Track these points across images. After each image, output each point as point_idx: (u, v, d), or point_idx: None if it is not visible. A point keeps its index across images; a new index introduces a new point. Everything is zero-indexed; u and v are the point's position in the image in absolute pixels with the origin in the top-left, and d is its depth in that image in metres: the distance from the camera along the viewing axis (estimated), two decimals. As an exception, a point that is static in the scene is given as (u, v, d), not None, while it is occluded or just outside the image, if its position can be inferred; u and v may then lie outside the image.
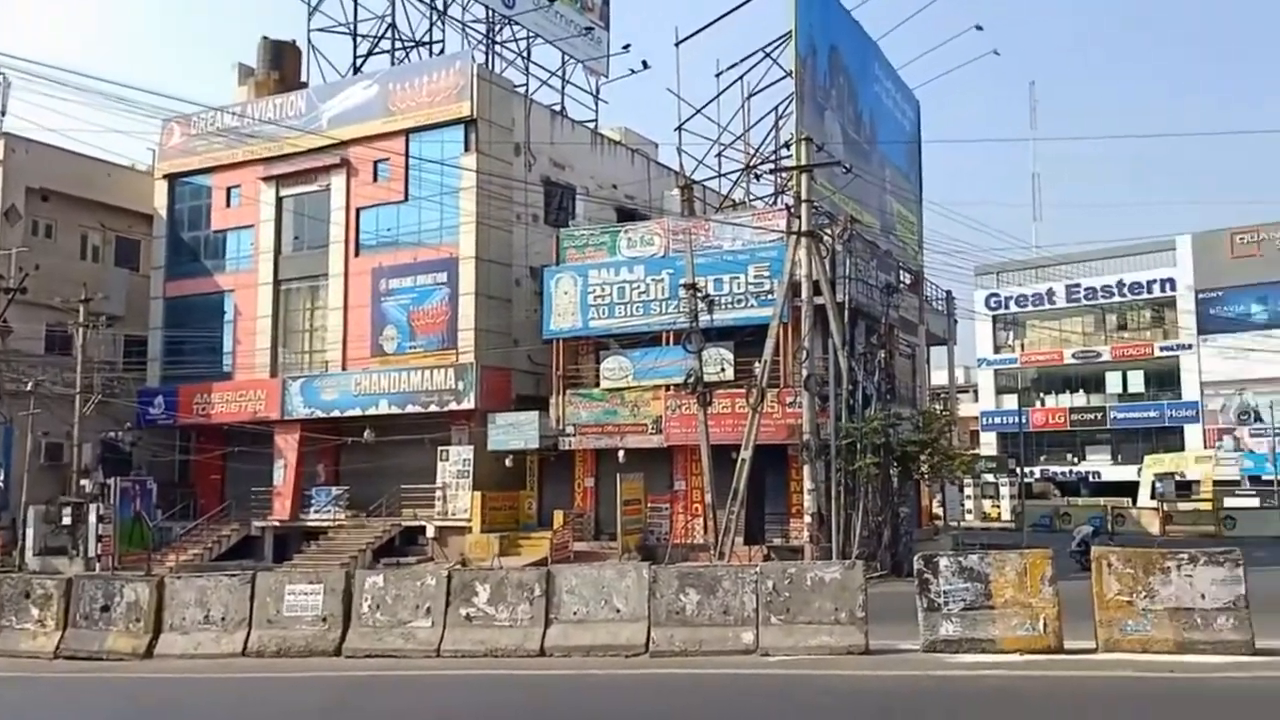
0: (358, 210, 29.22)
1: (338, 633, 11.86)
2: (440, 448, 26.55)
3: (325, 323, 29.61)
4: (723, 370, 24.20)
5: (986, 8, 49.96)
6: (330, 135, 28.62)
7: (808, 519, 20.82)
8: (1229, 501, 36.55)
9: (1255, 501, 37.80)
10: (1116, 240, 64.94)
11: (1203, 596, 9.91)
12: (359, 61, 31.65)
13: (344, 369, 28.56)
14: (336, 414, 28.16)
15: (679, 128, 29.57)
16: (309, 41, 31.82)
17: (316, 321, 30.13)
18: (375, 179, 28.89)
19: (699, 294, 23.38)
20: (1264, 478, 43.03)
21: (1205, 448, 48.83)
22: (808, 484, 20.92)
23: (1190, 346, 52.22)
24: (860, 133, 30.27)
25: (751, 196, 30.33)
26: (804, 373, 21.44)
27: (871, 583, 17.21)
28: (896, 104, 33.24)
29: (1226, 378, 50.30)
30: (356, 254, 29.06)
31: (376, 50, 31.74)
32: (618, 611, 11.27)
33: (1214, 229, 52.89)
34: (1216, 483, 41.72)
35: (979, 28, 31.83)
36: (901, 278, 27.99)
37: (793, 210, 22.11)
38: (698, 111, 29.69)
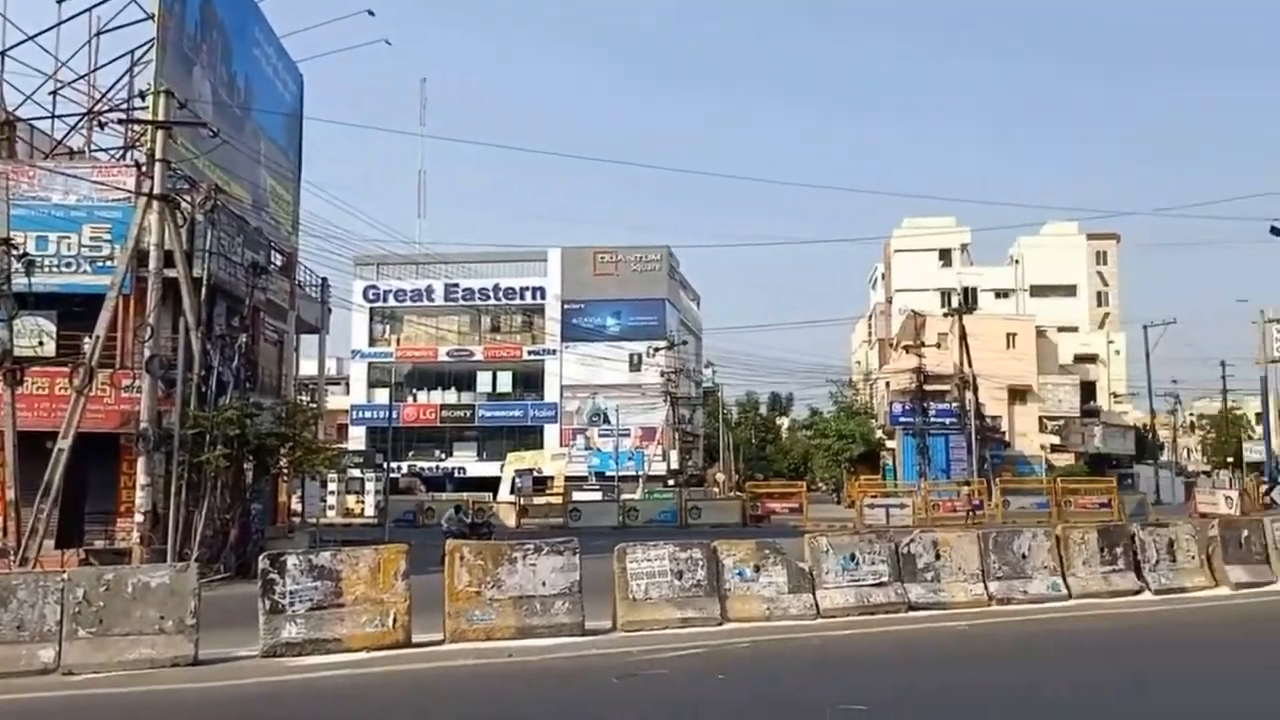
0: None
1: None
2: None
3: None
4: (41, 344, 21.69)
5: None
6: None
7: (139, 518, 18.92)
8: (577, 495, 42.31)
9: (599, 495, 44.39)
10: (496, 245, 71.24)
11: (544, 584, 11.01)
12: None
13: None
14: None
15: (2, 53, 25.19)
16: None
17: None
18: None
19: (14, 251, 20.24)
20: (607, 474, 50.75)
21: (561, 446, 56.07)
22: (142, 479, 19.03)
23: (554, 352, 59.50)
24: (234, 97, 28.83)
25: (94, 147, 26.80)
26: (147, 353, 19.44)
27: (214, 586, 16.26)
28: (278, 74, 32.19)
29: (582, 382, 58.37)
30: None
31: None
32: None
33: (581, 245, 61.14)
34: (568, 478, 48.13)
35: (371, 13, 32.20)
36: (272, 258, 27.29)
37: (144, 169, 20.34)
38: (30, 38, 25.52)
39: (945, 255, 69.57)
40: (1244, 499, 38.76)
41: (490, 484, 48.63)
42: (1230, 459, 69.56)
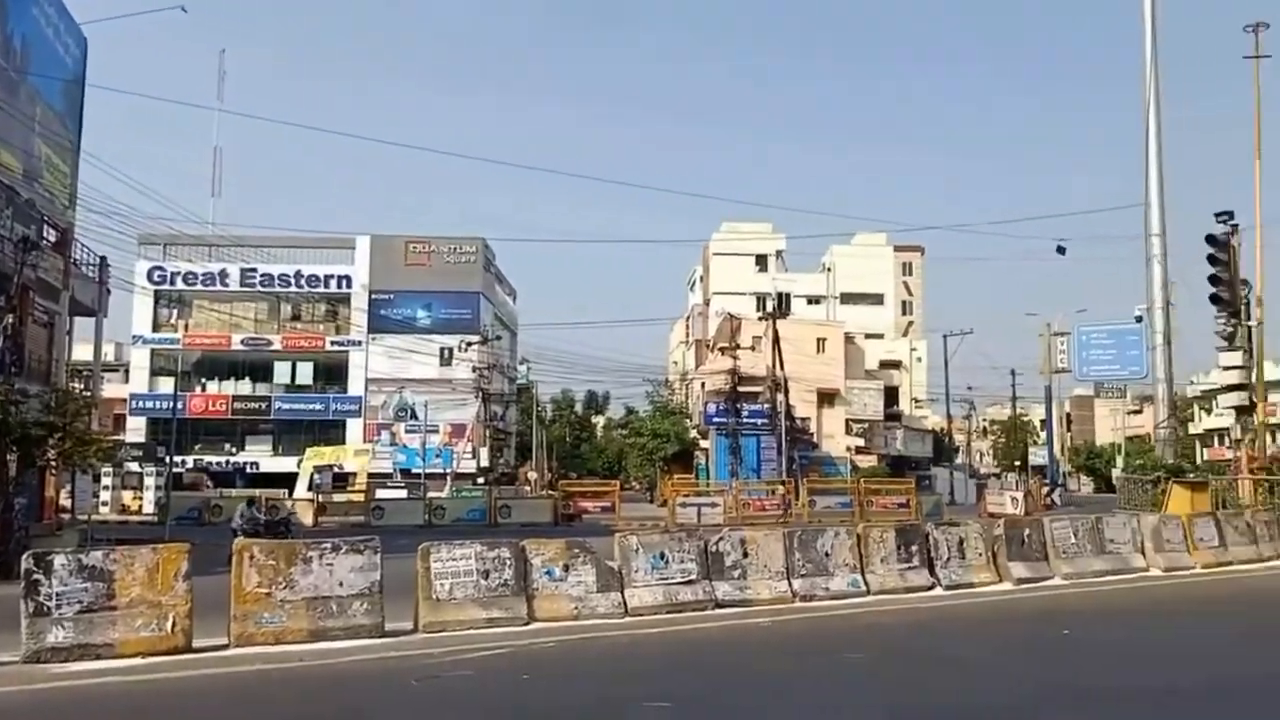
0: None
1: None
2: None
3: None
4: None
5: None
6: None
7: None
8: (381, 493, 41.26)
9: (404, 493, 43.39)
10: (298, 230, 68.40)
11: (341, 584, 10.67)
12: None
13: None
14: None
15: None
16: None
17: None
18: None
19: None
20: (414, 471, 49.70)
21: (365, 442, 54.47)
22: (-122, 476, 17.19)
23: (360, 343, 57.75)
24: (9, 59, 26.63)
25: None
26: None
27: (-33, 588, 14.90)
28: (59, 36, 29.93)
29: (389, 376, 56.91)
30: None
31: None
32: None
33: (392, 234, 59.56)
34: (371, 475, 46.82)
35: (162, -14, 30.40)
36: (45, 233, 25.41)
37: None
38: None
39: (761, 260, 72.09)
40: (1028, 500, 42.11)
41: (286, 480, 46.70)
42: (1018, 462, 75.33)
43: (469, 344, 54.45)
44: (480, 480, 51.19)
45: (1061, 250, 34.98)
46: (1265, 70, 29.01)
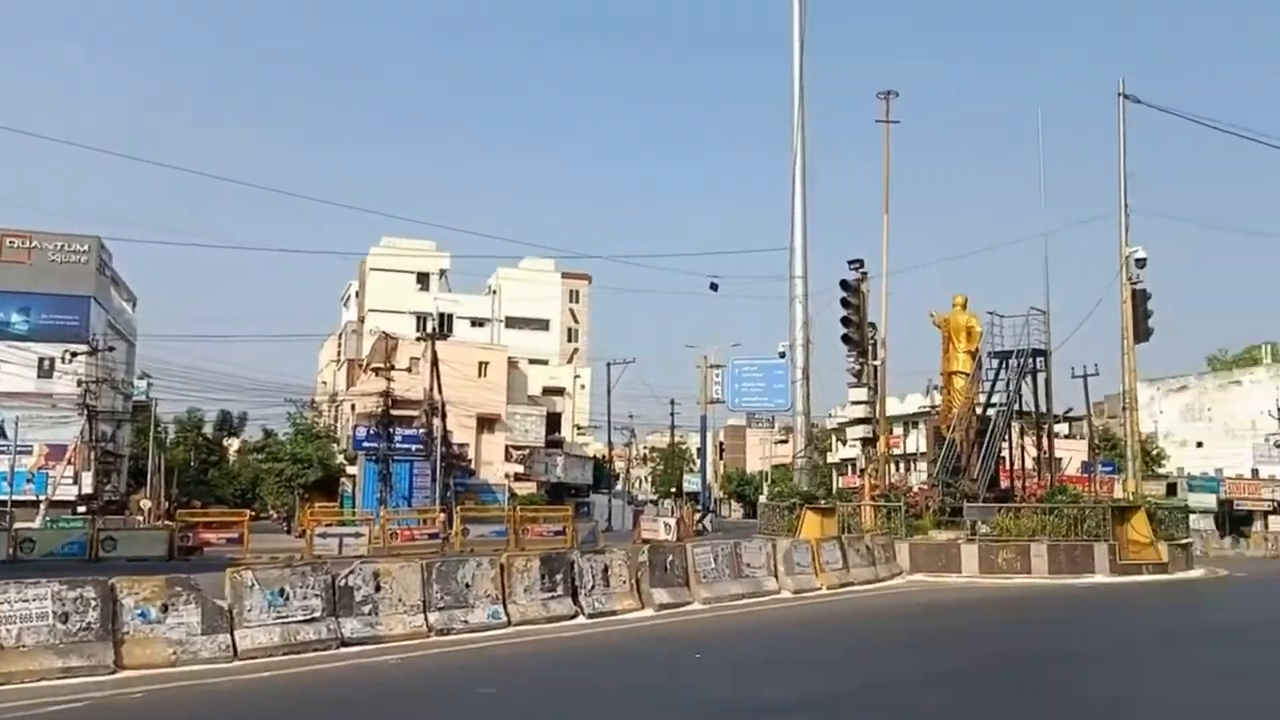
0: None
1: None
2: None
3: None
4: None
5: None
6: None
7: None
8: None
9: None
10: None
11: None
12: None
13: None
14: None
15: None
16: None
17: None
18: None
19: None
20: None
21: (-66, 465, 47.34)
22: None
23: (-68, 347, 50.30)
24: None
25: None
26: None
27: None
28: None
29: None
30: None
31: None
32: None
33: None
34: (-60, 506, 40.65)
35: None
36: None
37: None
38: None
39: (423, 279, 71.25)
40: (680, 526, 44.44)
41: None
42: (674, 489, 79.49)
43: (74, 354, 49.11)
44: (82, 509, 46.18)
45: (714, 287, 37.46)
46: (899, 135, 32.85)
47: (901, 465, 73.69)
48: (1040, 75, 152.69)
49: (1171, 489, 55.77)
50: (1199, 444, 74.47)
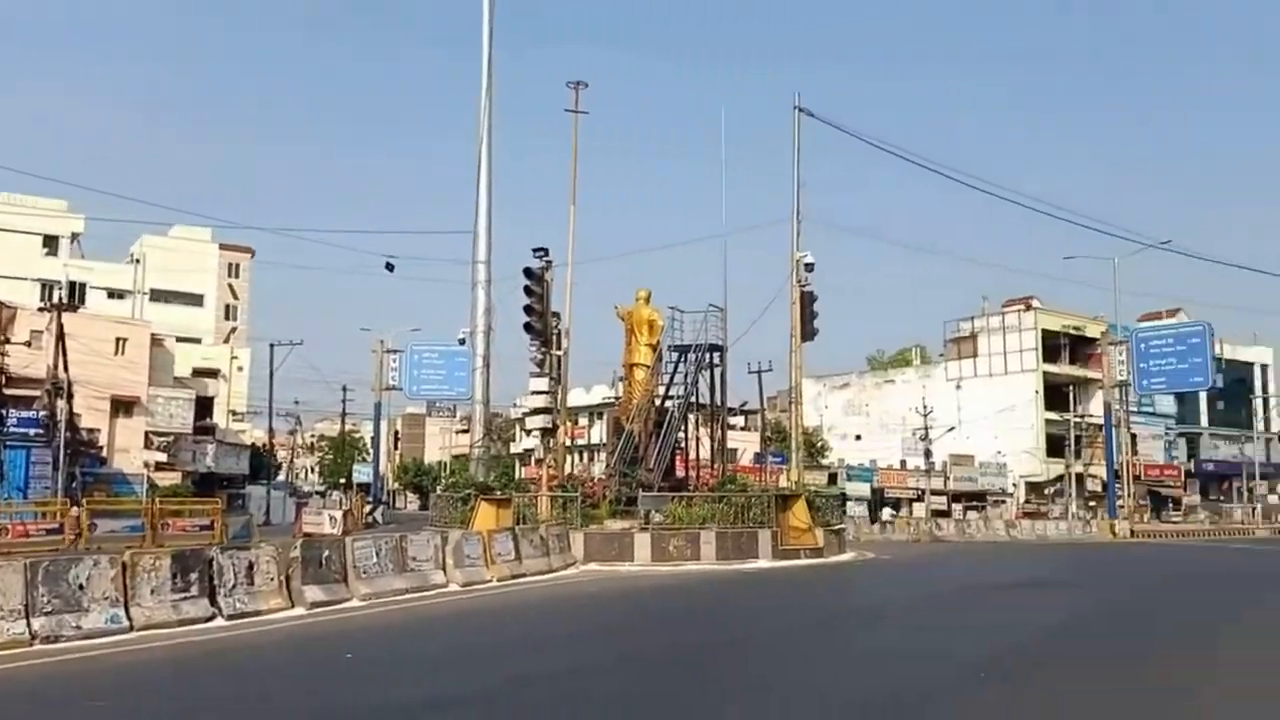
0: None
1: None
2: None
3: None
4: None
5: None
6: None
7: None
8: None
9: None
10: None
11: None
12: None
13: None
14: None
15: None
16: None
17: None
18: None
19: None
20: None
21: None
22: None
23: None
24: None
25: None
26: None
27: None
28: None
29: None
30: None
31: None
32: None
33: None
34: None
35: None
36: None
37: None
38: None
39: (51, 242, 64.62)
40: (348, 519, 42.95)
41: None
42: (343, 480, 76.94)
43: None
44: None
45: (390, 267, 36.36)
46: (592, 128, 33.33)
47: (585, 456, 75.44)
48: (731, 76, 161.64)
49: (833, 478, 60.77)
50: (858, 437, 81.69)
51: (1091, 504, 67.33)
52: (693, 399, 33.17)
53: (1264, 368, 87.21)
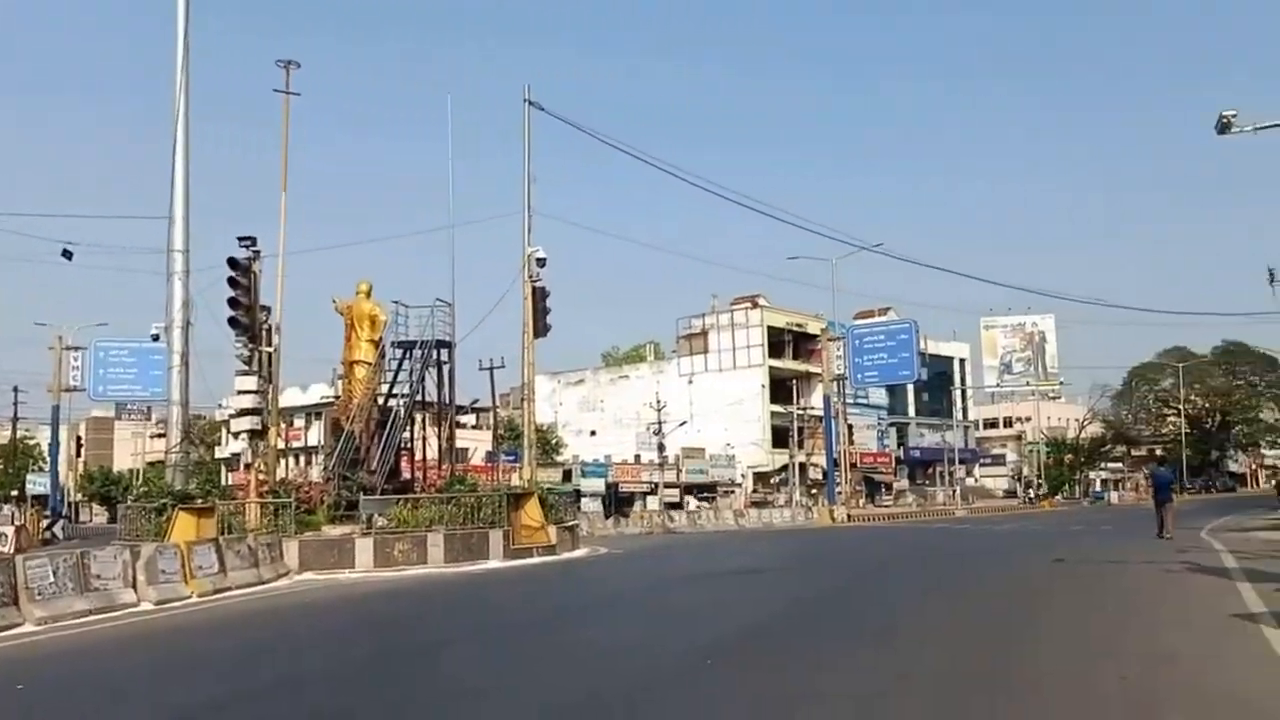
0: None
1: None
2: None
3: None
4: None
5: None
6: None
7: None
8: None
9: None
10: None
11: None
12: None
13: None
14: None
15: None
16: None
17: None
18: None
19: None
20: None
21: None
22: None
23: None
24: None
25: None
26: None
27: None
28: None
29: None
30: None
31: None
32: None
33: None
34: None
35: None
36: None
37: None
38: None
39: None
40: (21, 535, 39.27)
41: None
42: (14, 492, 70.46)
43: None
44: None
45: (68, 255, 33.20)
46: (307, 112, 31.75)
47: (302, 459, 72.63)
48: (467, 61, 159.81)
49: (567, 475, 61.38)
50: (593, 432, 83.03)
51: (813, 491, 71.38)
52: (419, 397, 32.51)
53: (962, 361, 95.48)
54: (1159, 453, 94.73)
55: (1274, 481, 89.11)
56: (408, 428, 32.58)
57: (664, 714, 8.48)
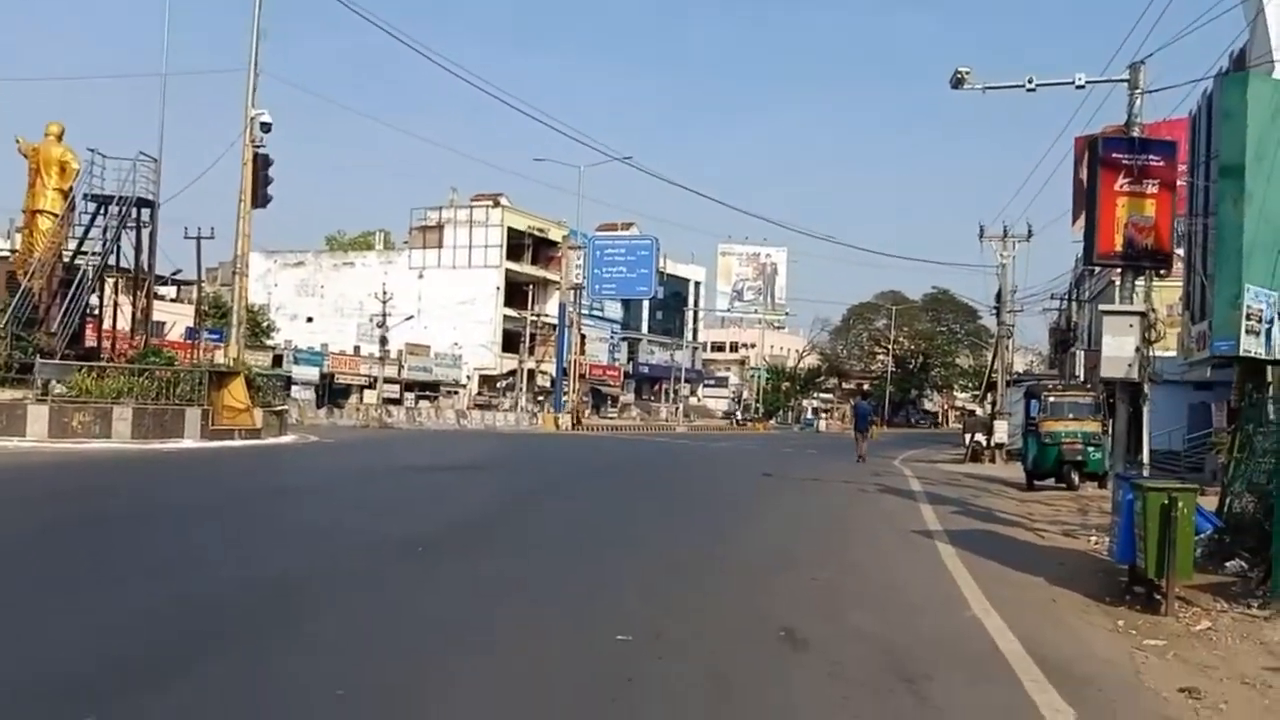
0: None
1: None
2: None
3: None
4: None
5: None
6: None
7: None
8: None
9: None
10: None
11: None
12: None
13: None
14: None
15: None
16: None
17: None
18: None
19: None
20: None
21: None
22: None
23: None
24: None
25: None
26: None
27: None
28: None
29: None
30: None
31: None
32: None
33: None
34: None
35: None
36: None
37: None
38: None
39: None
40: None
41: None
42: None
43: None
44: None
45: None
46: None
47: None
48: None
49: (278, 360, 58.91)
50: (310, 319, 79.90)
51: (540, 398, 71.99)
52: (112, 260, 30.11)
53: (697, 285, 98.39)
54: (866, 387, 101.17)
55: (961, 424, 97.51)
56: (97, 291, 30.19)
57: (357, 594, 8.20)
